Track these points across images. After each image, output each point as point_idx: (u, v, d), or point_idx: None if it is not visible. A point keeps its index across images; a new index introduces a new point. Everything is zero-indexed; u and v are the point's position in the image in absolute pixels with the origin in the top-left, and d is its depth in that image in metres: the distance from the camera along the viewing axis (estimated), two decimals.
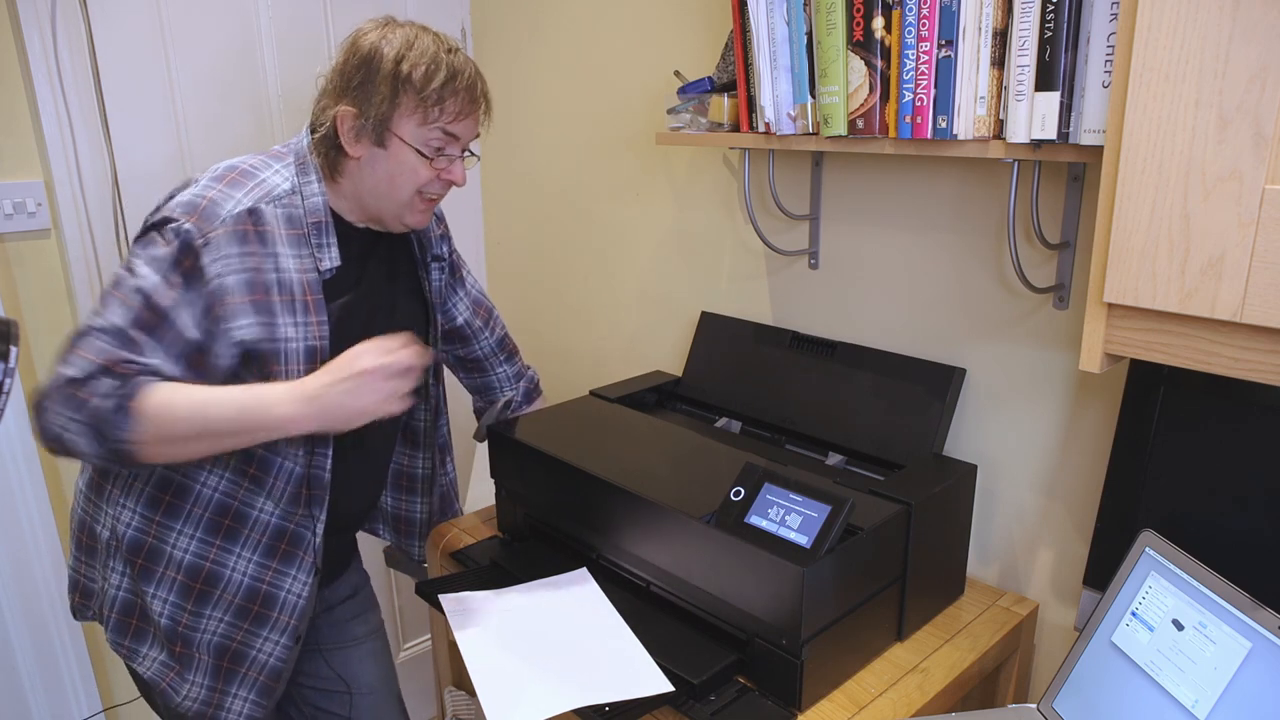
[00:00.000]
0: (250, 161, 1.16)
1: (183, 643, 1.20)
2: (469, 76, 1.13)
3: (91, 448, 1.04)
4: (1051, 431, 1.25)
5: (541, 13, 1.89)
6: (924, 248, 1.34)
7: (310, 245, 1.15)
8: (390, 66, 1.10)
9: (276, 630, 1.23)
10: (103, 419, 1.02)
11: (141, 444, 1.03)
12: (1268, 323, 0.76)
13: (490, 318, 1.53)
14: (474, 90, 1.15)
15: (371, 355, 1.06)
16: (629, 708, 1.00)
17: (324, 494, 1.21)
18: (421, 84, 1.10)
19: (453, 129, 1.14)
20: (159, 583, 1.19)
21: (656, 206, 1.74)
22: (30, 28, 1.49)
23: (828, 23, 1.11)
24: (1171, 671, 0.90)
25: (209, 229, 1.08)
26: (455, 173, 1.18)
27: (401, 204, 1.17)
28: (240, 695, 1.23)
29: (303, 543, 1.21)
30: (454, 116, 1.13)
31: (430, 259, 1.35)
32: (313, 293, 1.15)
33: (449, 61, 1.12)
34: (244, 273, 1.10)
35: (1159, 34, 0.77)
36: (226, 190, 1.11)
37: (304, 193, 1.16)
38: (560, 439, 1.33)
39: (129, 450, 1.04)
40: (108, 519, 1.21)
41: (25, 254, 1.59)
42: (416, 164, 1.14)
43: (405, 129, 1.12)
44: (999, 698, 1.29)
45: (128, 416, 1.02)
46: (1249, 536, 1.00)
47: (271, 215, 1.12)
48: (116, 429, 1.02)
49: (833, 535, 1.00)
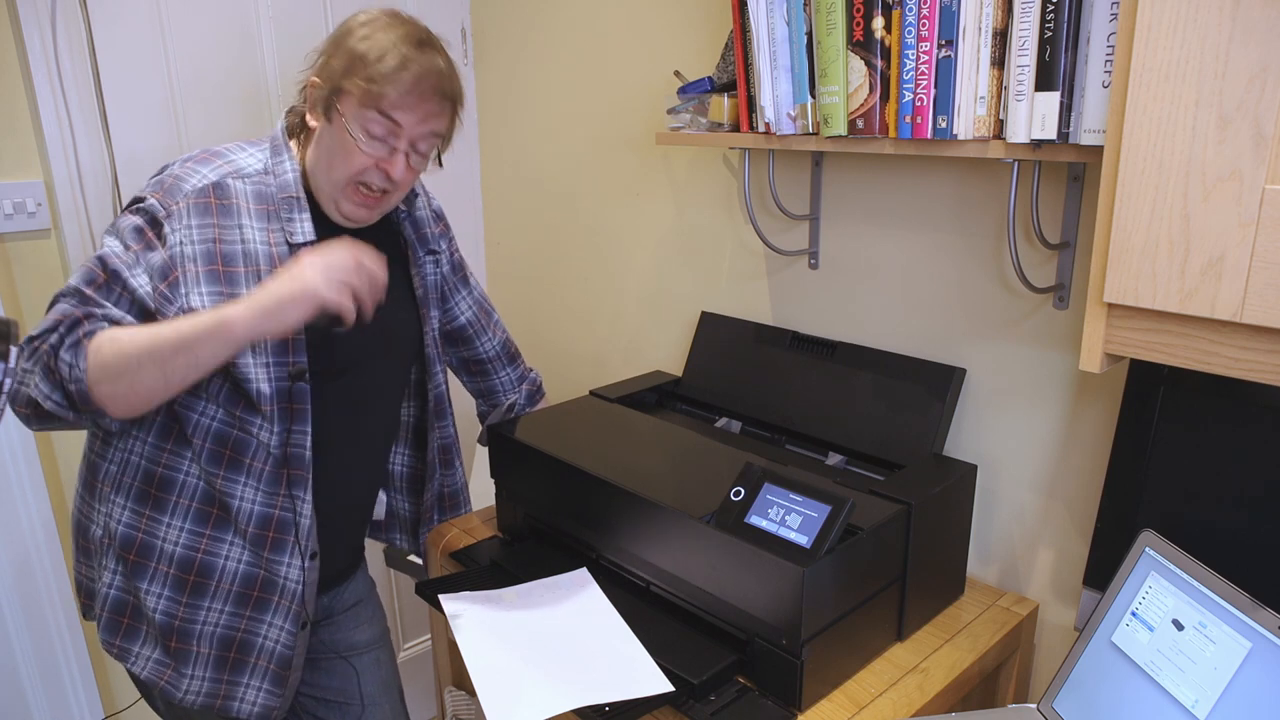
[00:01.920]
0: (225, 145, 1.20)
1: (179, 637, 1.20)
2: (421, 69, 1.11)
3: (46, 388, 1.05)
4: (1051, 431, 1.25)
5: (541, 13, 1.89)
6: (924, 248, 1.34)
7: (280, 219, 1.16)
8: (349, 41, 1.12)
9: (279, 615, 1.22)
10: (56, 356, 1.04)
11: (95, 381, 1.04)
12: (1267, 323, 0.76)
13: (492, 320, 1.53)
14: (423, 83, 1.11)
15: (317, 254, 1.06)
16: (629, 708, 1.00)
17: (306, 474, 1.20)
18: (371, 63, 1.10)
19: (395, 115, 1.11)
20: (152, 578, 1.18)
21: (656, 206, 1.74)
22: (30, 28, 1.49)
23: (828, 23, 1.11)
24: (1171, 671, 0.90)
25: (172, 202, 1.12)
26: (394, 165, 1.14)
27: (336, 186, 1.16)
28: (253, 685, 1.23)
29: (289, 528, 1.21)
30: (395, 104, 1.10)
31: (425, 253, 1.35)
32: (282, 263, 1.15)
33: (405, 51, 1.10)
34: (204, 243, 1.12)
35: (1159, 34, 0.77)
36: (195, 167, 1.15)
37: (275, 171, 1.18)
38: (560, 439, 1.33)
39: (82, 388, 1.04)
40: (100, 517, 1.22)
41: (25, 254, 1.59)
42: (351, 145, 1.12)
43: (348, 106, 1.12)
44: (999, 698, 1.29)
45: (80, 353, 1.04)
46: (1249, 536, 1.00)
47: (238, 190, 1.15)
48: (70, 366, 1.04)
49: (833, 535, 1.00)
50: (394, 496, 1.50)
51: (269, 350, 1.14)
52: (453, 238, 1.45)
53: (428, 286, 1.36)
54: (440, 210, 1.42)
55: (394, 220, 1.32)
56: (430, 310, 1.37)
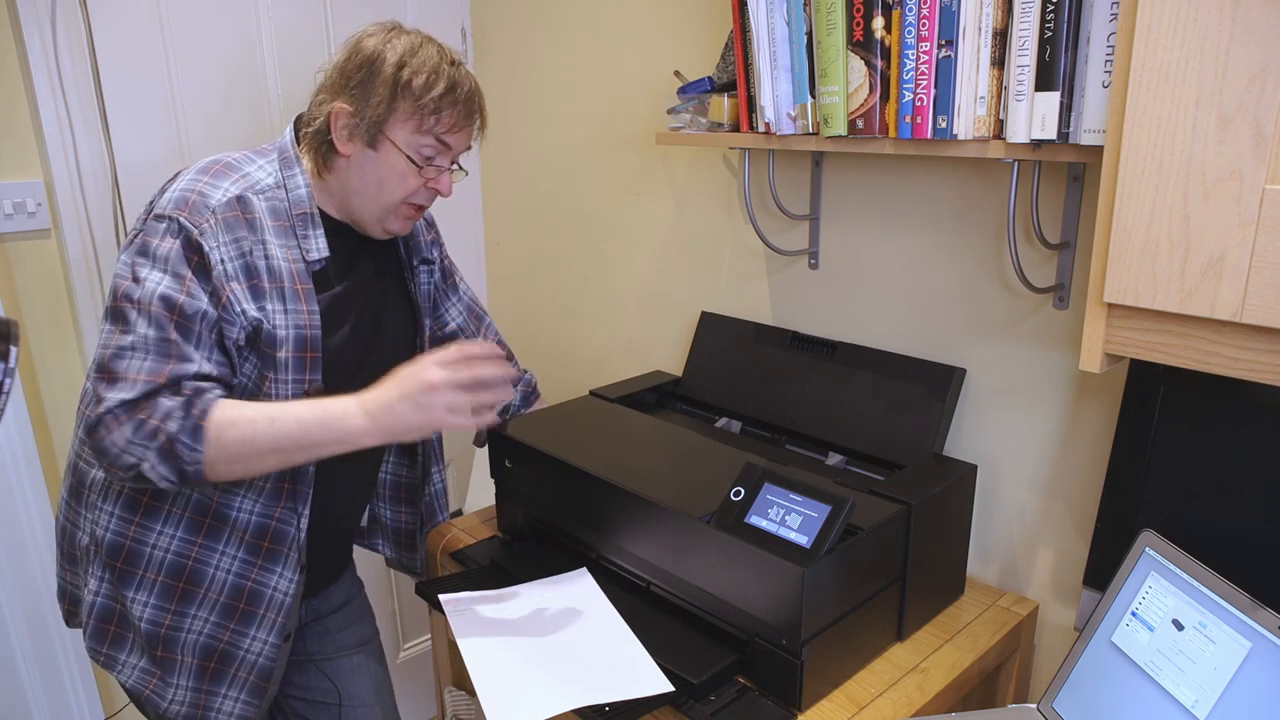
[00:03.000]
0: (233, 156, 1.18)
1: (164, 646, 1.19)
2: (468, 90, 1.15)
3: (165, 470, 1.05)
4: (1051, 431, 1.25)
5: (541, 13, 1.89)
6: (924, 248, 1.34)
7: (295, 236, 1.15)
8: (392, 71, 1.11)
9: (264, 628, 1.21)
10: (177, 441, 1.03)
11: (212, 463, 1.05)
12: (1267, 323, 0.76)
13: (482, 324, 1.53)
14: (471, 104, 1.16)
15: (438, 369, 1.05)
16: (629, 708, 1.00)
17: (308, 489, 1.20)
18: (421, 91, 1.11)
19: (447, 139, 1.15)
20: (139, 586, 1.17)
21: (656, 206, 1.74)
22: (30, 28, 1.49)
23: (828, 23, 1.11)
24: (1171, 671, 0.90)
25: (202, 220, 1.09)
26: (443, 184, 1.19)
27: (386, 209, 1.17)
28: (230, 695, 1.22)
29: (286, 539, 1.20)
30: (449, 127, 1.14)
31: (419, 262, 1.35)
32: (302, 282, 1.15)
33: (450, 74, 1.13)
34: (239, 258, 1.11)
35: (1159, 34, 0.77)
36: (213, 181, 1.13)
37: (288, 186, 1.16)
38: (560, 439, 1.33)
39: (199, 470, 1.05)
40: (87, 524, 1.21)
41: (25, 254, 1.59)
42: (406, 170, 1.15)
43: (399, 134, 1.13)
44: (999, 698, 1.29)
45: (201, 437, 1.04)
46: (1249, 536, 1.00)
47: (258, 205, 1.14)
48: (191, 450, 1.04)
49: (833, 535, 1.00)
50: (377, 504, 1.50)
51: (290, 368, 1.15)
52: (442, 244, 1.45)
53: (423, 295, 1.36)
54: (430, 218, 1.42)
55: None
56: (426, 318, 1.37)
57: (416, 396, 1.05)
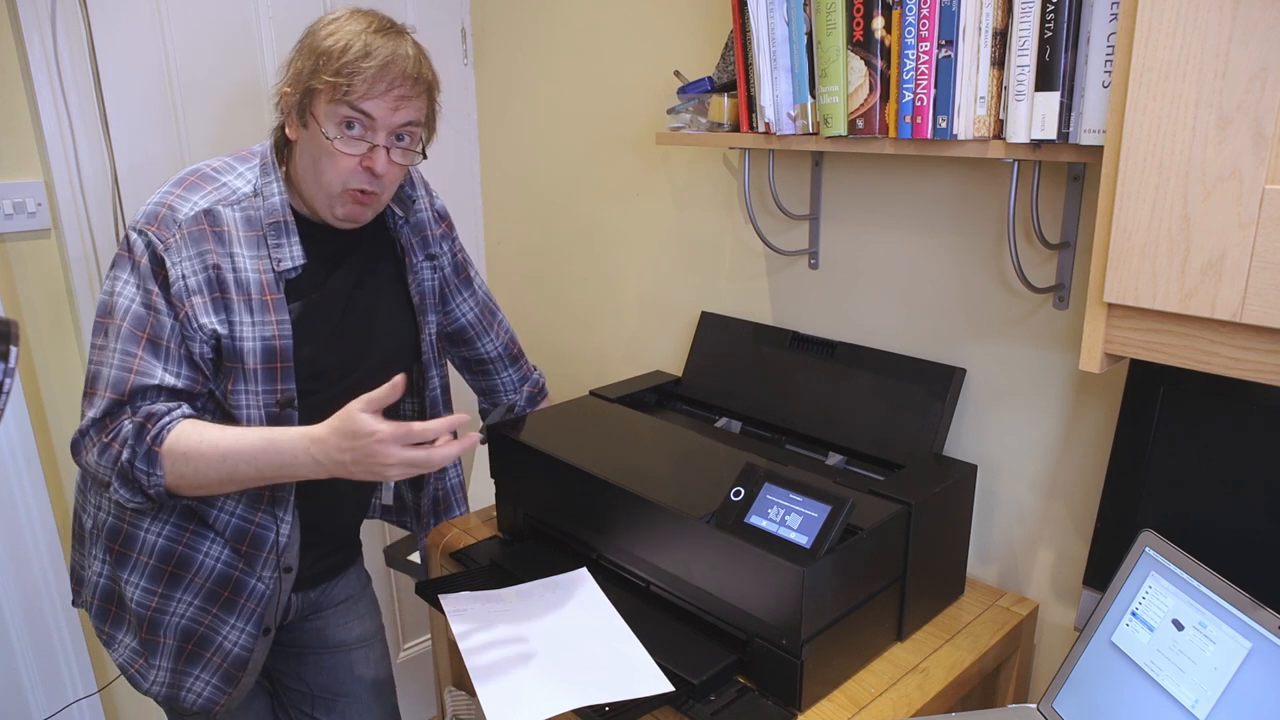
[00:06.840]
0: (214, 165, 1.18)
1: (149, 627, 1.22)
2: (385, 56, 1.08)
3: (127, 493, 1.11)
4: (1051, 431, 1.25)
5: (541, 13, 1.89)
6: (924, 248, 1.34)
7: (267, 246, 1.15)
8: (313, 40, 1.11)
9: (243, 618, 1.24)
10: (134, 467, 1.08)
11: (174, 487, 1.10)
12: (1267, 323, 0.76)
13: (495, 320, 1.53)
14: (389, 70, 1.08)
15: (396, 449, 1.02)
16: (629, 708, 1.00)
17: (288, 496, 1.22)
18: (334, 57, 1.08)
19: (364, 106, 1.09)
20: (133, 568, 1.20)
21: (656, 207, 1.74)
22: (30, 28, 1.49)
23: (828, 23, 1.11)
24: (1171, 671, 0.90)
25: (168, 235, 1.11)
26: (375, 161, 1.12)
27: (330, 194, 1.15)
28: (202, 678, 1.24)
29: (265, 544, 1.22)
30: (362, 94, 1.08)
31: (425, 258, 1.34)
32: (271, 292, 1.15)
33: (368, 40, 1.09)
34: (202, 272, 1.12)
35: (1159, 34, 0.77)
36: (184, 194, 1.14)
37: (264, 193, 1.17)
38: (560, 439, 1.33)
39: (161, 492, 1.10)
40: (91, 508, 1.25)
41: (25, 254, 1.59)
42: (330, 147, 1.11)
43: (319, 106, 1.11)
44: (999, 698, 1.29)
45: (156, 462, 1.08)
46: (1249, 536, 1.00)
47: (229, 217, 1.14)
48: (148, 475, 1.09)
49: (833, 535, 1.00)
50: (399, 484, 1.50)
51: (259, 379, 1.15)
52: (456, 238, 1.44)
53: (425, 293, 1.35)
54: (444, 210, 1.41)
55: (390, 225, 1.31)
56: (428, 315, 1.36)
57: (368, 464, 1.04)
